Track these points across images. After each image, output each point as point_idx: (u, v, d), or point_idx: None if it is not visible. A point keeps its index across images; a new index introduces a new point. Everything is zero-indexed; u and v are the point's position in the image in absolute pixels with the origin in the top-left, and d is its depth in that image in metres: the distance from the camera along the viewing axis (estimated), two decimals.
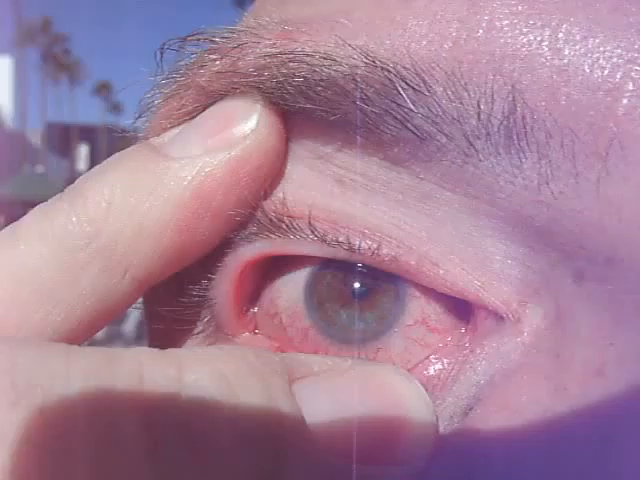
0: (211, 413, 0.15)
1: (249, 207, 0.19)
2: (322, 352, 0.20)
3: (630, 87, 0.15)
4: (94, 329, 0.19)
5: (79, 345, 0.19)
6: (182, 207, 0.18)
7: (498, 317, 0.18)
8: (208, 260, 0.20)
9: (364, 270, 0.19)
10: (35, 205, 0.20)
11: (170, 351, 0.16)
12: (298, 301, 0.20)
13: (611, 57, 0.16)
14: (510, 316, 0.17)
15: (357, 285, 0.20)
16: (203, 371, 0.16)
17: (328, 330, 0.20)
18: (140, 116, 0.21)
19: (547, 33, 0.16)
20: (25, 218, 0.19)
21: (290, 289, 0.20)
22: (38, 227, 0.19)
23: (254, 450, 0.15)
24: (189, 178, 0.18)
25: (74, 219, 0.18)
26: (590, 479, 0.15)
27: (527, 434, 0.16)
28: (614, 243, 0.16)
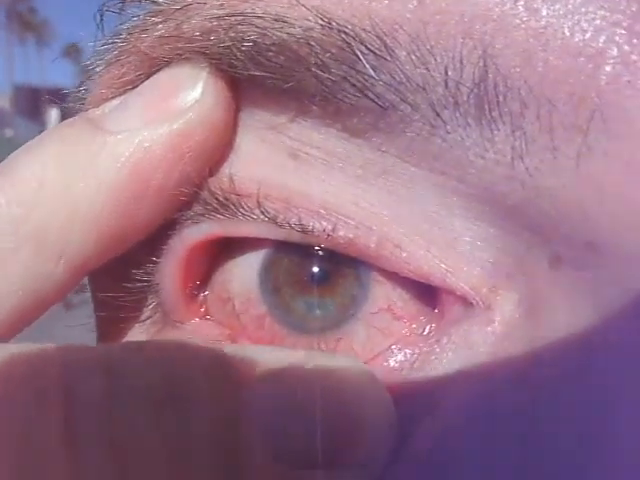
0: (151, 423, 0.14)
1: (194, 185, 0.18)
2: (278, 341, 0.18)
3: (614, 53, 0.14)
4: (28, 319, 0.17)
5: (11, 336, 0.17)
6: (119, 187, 0.17)
7: (467, 303, 0.16)
8: (152, 242, 0.19)
9: (323, 253, 0.18)
10: None
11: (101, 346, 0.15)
12: (252, 286, 0.19)
13: (594, 19, 0.14)
14: (480, 303, 0.16)
15: (316, 269, 0.18)
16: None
17: (285, 318, 0.18)
18: (81, 85, 0.19)
19: None
20: None
21: (244, 272, 0.19)
22: None
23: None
24: (126, 154, 0.17)
25: (2, 200, 0.17)
26: (559, 469, 0.14)
27: (495, 431, 0.15)
28: (595, 226, 0.14)
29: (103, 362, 0.15)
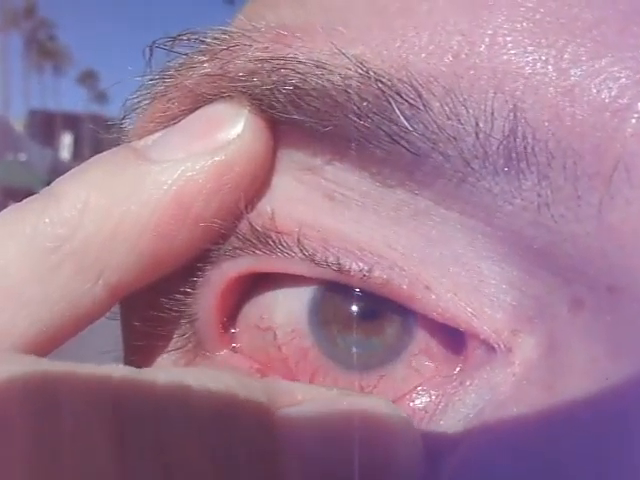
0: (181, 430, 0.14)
1: (232, 217, 0.18)
2: (320, 374, 0.19)
3: (639, 108, 0.15)
4: (63, 336, 0.18)
5: (48, 352, 0.18)
6: (160, 212, 0.17)
7: (489, 347, 0.17)
8: (190, 274, 0.19)
9: (361, 295, 0.18)
10: (16, 192, 0.19)
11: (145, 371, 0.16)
12: (301, 317, 0.19)
13: (619, 78, 0.15)
14: (502, 346, 0.17)
15: (364, 307, 0.19)
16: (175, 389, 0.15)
17: (330, 351, 0.19)
18: (125, 117, 0.20)
19: (552, 53, 0.15)
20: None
21: (290, 304, 0.19)
22: (10, 227, 0.18)
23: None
24: (169, 182, 0.18)
25: (47, 220, 0.17)
26: None
27: (517, 470, 0.15)
28: (616, 271, 0.15)
29: (152, 397, 0.15)
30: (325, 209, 0.18)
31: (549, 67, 0.15)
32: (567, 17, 0.16)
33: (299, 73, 0.17)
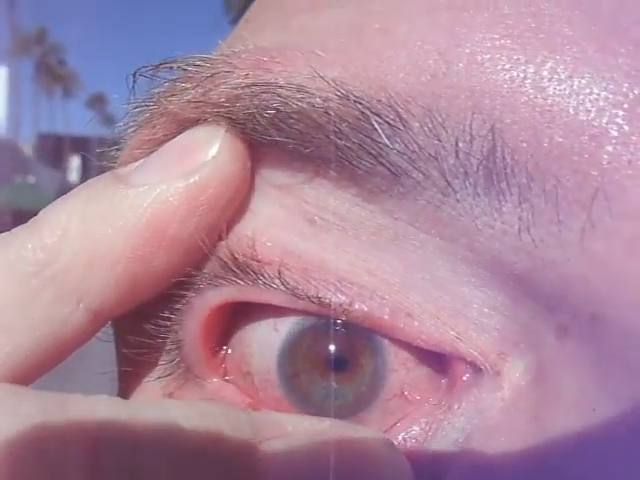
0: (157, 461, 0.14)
1: (211, 240, 0.18)
2: None
3: (615, 134, 0.15)
4: (47, 363, 0.18)
5: (32, 380, 0.18)
6: (136, 235, 0.18)
7: (476, 369, 0.17)
8: (174, 301, 0.19)
9: (342, 327, 0.18)
10: (25, 215, 0.19)
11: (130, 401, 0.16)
12: (271, 368, 0.19)
13: (597, 100, 0.15)
14: (489, 369, 0.16)
15: (336, 353, 0.18)
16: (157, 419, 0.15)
17: (302, 402, 0.19)
18: (113, 145, 0.20)
19: (531, 70, 0.15)
20: None
21: (262, 351, 0.19)
22: None
23: None
24: (144, 205, 0.18)
25: (29, 245, 0.18)
26: None
27: None
28: (599, 300, 0.15)
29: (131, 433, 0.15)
30: (306, 234, 0.18)
31: (527, 84, 0.15)
32: (546, 33, 0.15)
33: (280, 97, 0.17)
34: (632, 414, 0.14)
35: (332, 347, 0.18)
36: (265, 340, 0.19)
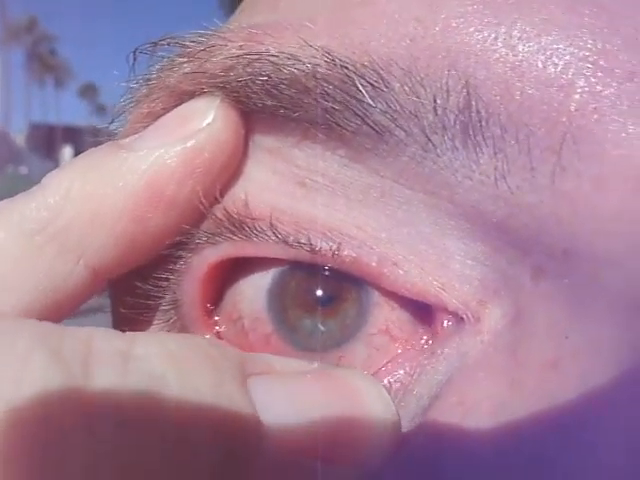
0: (156, 401, 0.15)
1: (207, 202, 0.19)
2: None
3: (582, 83, 0.16)
4: (48, 318, 0.19)
5: None
6: (136, 196, 0.19)
7: (458, 318, 0.18)
8: (173, 262, 0.20)
9: (329, 274, 0.19)
10: None
11: (125, 333, 0.17)
12: (261, 306, 0.20)
13: (564, 55, 0.16)
14: (470, 316, 0.18)
15: (321, 292, 0.20)
16: (153, 347, 0.16)
17: (290, 336, 0.20)
18: (113, 121, 0.22)
19: (502, 30, 0.17)
20: None
21: (253, 293, 0.20)
22: (1, 215, 0.19)
23: (202, 447, 0.15)
24: (143, 167, 0.19)
25: (33, 205, 0.19)
26: (544, 472, 0.15)
27: (483, 429, 0.16)
28: (570, 236, 0.16)
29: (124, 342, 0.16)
30: (297, 196, 0.19)
31: (499, 43, 0.16)
32: None
33: (272, 64, 0.18)
34: (600, 335, 0.15)
35: (319, 285, 0.20)
36: (255, 284, 0.20)
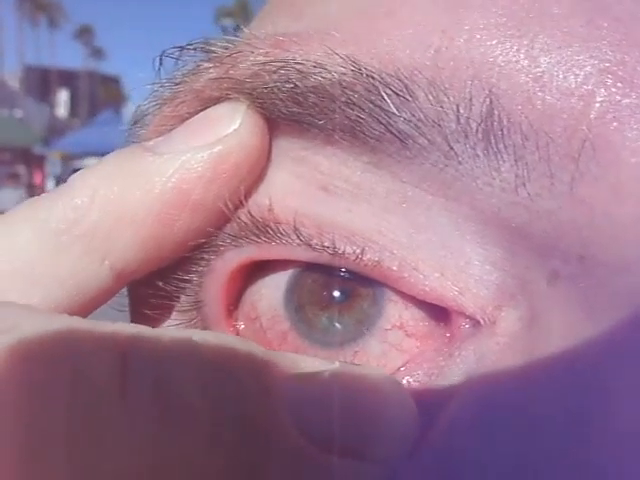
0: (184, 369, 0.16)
1: (231, 206, 0.20)
2: (302, 353, 0.20)
3: (601, 95, 0.16)
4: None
5: None
6: (162, 199, 0.19)
7: (475, 321, 0.18)
8: (196, 264, 0.21)
9: (346, 275, 0.20)
10: (13, 150, 0.20)
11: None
12: (278, 304, 0.21)
13: (584, 66, 0.17)
14: (487, 320, 0.18)
15: (338, 290, 0.20)
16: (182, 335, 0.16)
17: (307, 332, 0.21)
18: (136, 123, 0.22)
19: (524, 42, 0.17)
20: (16, 207, 0.20)
21: (271, 292, 0.21)
22: (27, 212, 0.20)
23: (229, 426, 0.15)
24: (171, 171, 0.19)
25: (60, 204, 0.19)
26: (562, 470, 0.16)
27: (501, 430, 0.17)
28: (586, 241, 0.16)
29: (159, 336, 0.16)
30: (320, 200, 0.20)
31: (521, 55, 0.17)
32: (537, 11, 0.17)
33: (298, 71, 0.18)
34: (613, 337, 0.16)
35: (336, 284, 0.20)
36: (273, 283, 0.21)
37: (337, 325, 0.20)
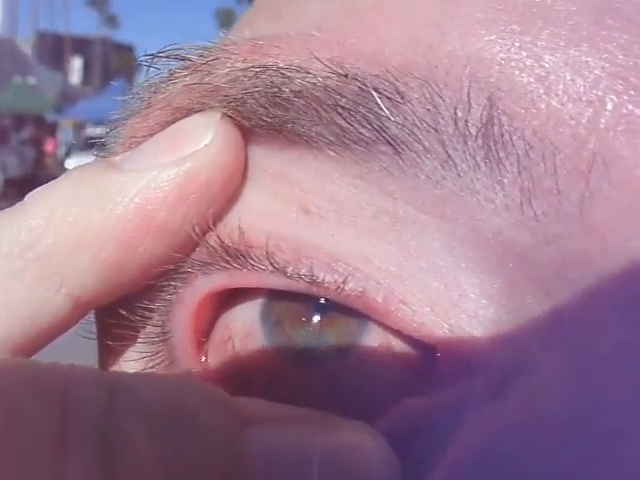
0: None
1: (200, 229, 0.18)
2: (279, 372, 0.19)
3: (614, 100, 0.15)
4: (26, 348, 0.18)
5: None
6: (124, 221, 0.18)
7: (464, 362, 0.16)
8: (163, 292, 0.19)
9: (326, 303, 0.18)
10: (26, 118, 0.19)
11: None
12: (253, 321, 0.19)
13: (593, 68, 0.15)
14: (478, 362, 0.16)
15: (318, 315, 0.19)
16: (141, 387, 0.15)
17: (285, 349, 0.19)
18: (108, 134, 0.20)
19: (527, 39, 0.15)
20: None
21: (246, 313, 0.19)
22: None
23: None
24: (134, 191, 0.18)
25: (14, 226, 0.18)
26: None
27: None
28: (599, 276, 0.14)
29: (108, 379, 0.15)
30: (300, 223, 0.18)
31: (523, 53, 0.15)
32: (540, 7, 0.16)
33: (282, 75, 0.17)
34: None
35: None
36: (248, 304, 0.19)
37: (318, 343, 0.19)
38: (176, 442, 0.14)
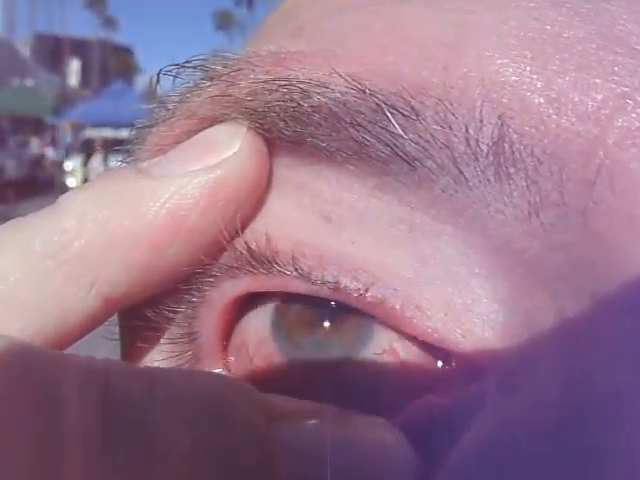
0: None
1: (227, 234, 0.19)
2: (287, 378, 0.20)
3: (621, 118, 0.16)
4: (55, 345, 0.18)
5: None
6: (155, 224, 0.18)
7: (475, 363, 0.17)
8: (191, 295, 0.20)
9: (336, 307, 0.19)
10: (23, 120, 0.19)
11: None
12: (265, 327, 0.20)
13: (602, 90, 0.16)
14: (487, 360, 0.17)
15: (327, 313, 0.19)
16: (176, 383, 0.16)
17: (294, 354, 0.20)
18: (132, 143, 0.21)
19: (537, 63, 0.16)
20: (1, 226, 0.19)
21: (259, 317, 0.20)
22: (12, 234, 0.19)
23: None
24: (166, 196, 0.18)
25: (46, 228, 0.18)
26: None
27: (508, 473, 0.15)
28: (599, 280, 0.15)
29: (146, 372, 0.16)
30: (321, 231, 0.19)
31: (534, 77, 0.16)
32: (549, 34, 0.17)
33: (302, 91, 0.17)
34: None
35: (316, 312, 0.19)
36: (262, 309, 0.20)
37: (324, 349, 0.19)
38: (212, 433, 0.15)
